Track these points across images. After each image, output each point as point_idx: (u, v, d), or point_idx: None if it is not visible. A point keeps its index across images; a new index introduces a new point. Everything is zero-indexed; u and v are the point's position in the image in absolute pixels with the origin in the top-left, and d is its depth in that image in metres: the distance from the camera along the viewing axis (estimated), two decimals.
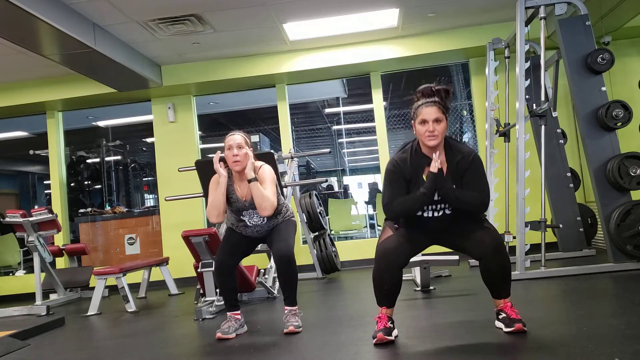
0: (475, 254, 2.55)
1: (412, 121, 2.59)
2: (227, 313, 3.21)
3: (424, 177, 2.54)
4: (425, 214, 2.63)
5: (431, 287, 4.09)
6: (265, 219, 3.21)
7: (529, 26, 4.65)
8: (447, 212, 2.61)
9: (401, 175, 2.58)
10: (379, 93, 6.62)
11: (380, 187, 8.41)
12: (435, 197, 2.57)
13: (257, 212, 3.14)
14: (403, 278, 2.64)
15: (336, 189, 11.05)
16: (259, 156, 3.96)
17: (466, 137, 7.42)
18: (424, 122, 2.50)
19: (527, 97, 5.03)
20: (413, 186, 2.57)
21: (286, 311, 3.15)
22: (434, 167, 2.50)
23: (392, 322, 2.65)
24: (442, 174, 2.52)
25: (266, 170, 3.18)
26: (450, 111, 2.59)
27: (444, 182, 2.52)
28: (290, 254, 3.10)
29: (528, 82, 4.75)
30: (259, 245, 3.45)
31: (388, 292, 2.62)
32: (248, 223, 3.22)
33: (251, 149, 3.16)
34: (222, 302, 4.06)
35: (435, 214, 2.62)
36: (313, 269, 5.70)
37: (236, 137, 3.11)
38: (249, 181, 3.07)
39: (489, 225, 2.61)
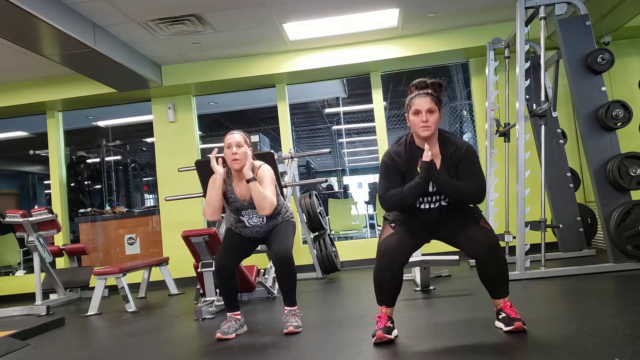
0: (471, 254, 2.58)
1: (406, 114, 2.61)
2: (227, 313, 3.21)
3: (418, 168, 2.55)
4: (422, 206, 2.63)
5: (431, 287, 4.09)
6: (265, 219, 3.20)
7: (529, 26, 4.65)
8: (443, 203, 2.62)
9: (396, 168, 2.60)
10: (379, 93, 6.62)
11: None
12: (431, 189, 2.57)
13: (256, 212, 3.13)
14: (403, 278, 2.65)
15: (336, 188, 11.06)
16: (259, 156, 3.97)
17: (466, 137, 7.41)
18: (417, 112, 2.52)
19: (527, 97, 5.03)
20: (408, 178, 2.59)
21: (286, 311, 3.15)
22: (426, 156, 2.50)
23: (392, 322, 2.66)
24: (434, 164, 2.52)
25: (265, 169, 3.18)
26: (442, 104, 2.61)
27: (439, 173, 2.53)
28: (288, 255, 3.09)
29: (528, 82, 4.75)
30: (259, 246, 3.44)
31: (389, 291, 2.63)
32: (247, 223, 3.21)
33: (250, 148, 3.15)
34: (222, 302, 4.07)
35: (432, 206, 2.63)
36: (313, 269, 5.70)
37: (235, 136, 3.11)
38: (248, 181, 3.06)
39: (485, 224, 2.62)
